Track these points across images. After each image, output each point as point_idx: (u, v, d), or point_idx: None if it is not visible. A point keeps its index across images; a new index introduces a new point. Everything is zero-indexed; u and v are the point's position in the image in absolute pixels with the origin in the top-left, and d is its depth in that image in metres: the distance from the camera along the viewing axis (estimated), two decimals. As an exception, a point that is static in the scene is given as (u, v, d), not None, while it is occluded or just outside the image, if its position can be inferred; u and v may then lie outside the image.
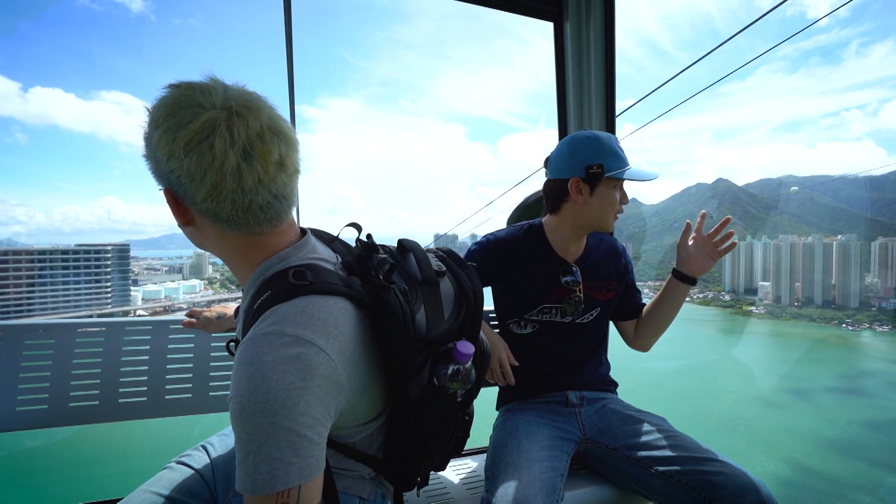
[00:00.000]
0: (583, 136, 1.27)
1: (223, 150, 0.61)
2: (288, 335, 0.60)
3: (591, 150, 1.24)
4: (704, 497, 1.01)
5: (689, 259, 1.27)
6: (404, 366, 0.70)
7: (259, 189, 0.65)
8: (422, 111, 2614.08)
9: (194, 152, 0.61)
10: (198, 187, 0.63)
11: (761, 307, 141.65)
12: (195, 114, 0.61)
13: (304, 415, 0.58)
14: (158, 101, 0.64)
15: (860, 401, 62.30)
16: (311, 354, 0.61)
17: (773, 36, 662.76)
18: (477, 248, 1.38)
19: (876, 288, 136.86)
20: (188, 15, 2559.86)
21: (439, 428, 0.81)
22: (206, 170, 0.62)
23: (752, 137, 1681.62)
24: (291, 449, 0.57)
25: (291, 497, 0.57)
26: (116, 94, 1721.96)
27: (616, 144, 1.27)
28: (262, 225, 0.69)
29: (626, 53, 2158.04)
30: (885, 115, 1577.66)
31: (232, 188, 0.63)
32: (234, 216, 0.66)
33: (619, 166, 1.23)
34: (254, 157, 0.63)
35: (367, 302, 0.70)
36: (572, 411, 1.31)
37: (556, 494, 1.04)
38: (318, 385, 0.60)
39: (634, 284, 1.45)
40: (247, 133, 0.62)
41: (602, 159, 1.23)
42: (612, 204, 1.26)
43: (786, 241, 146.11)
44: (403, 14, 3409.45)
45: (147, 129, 0.65)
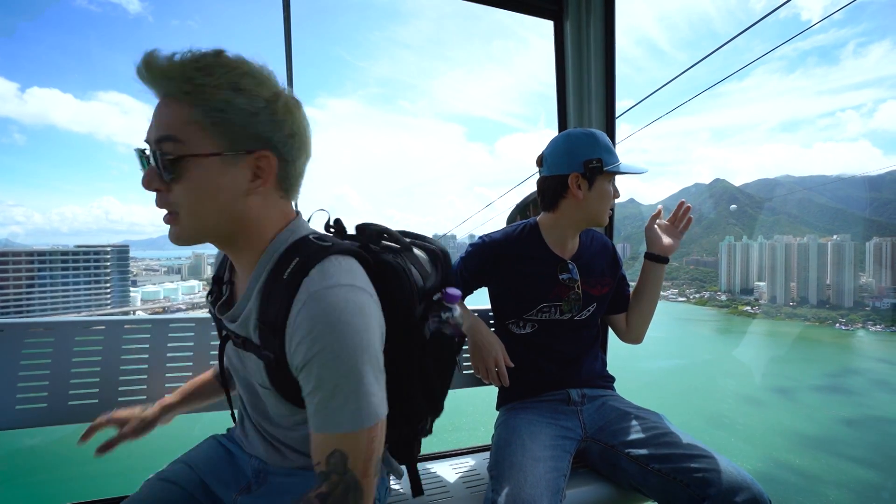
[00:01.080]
0: (579, 132, 1.31)
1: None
2: (347, 285, 0.65)
3: (589, 146, 1.27)
4: (699, 494, 1.03)
5: (657, 241, 1.36)
6: (412, 315, 0.77)
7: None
8: (420, 111, 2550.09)
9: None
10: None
11: (756, 307, 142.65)
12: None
13: (379, 352, 0.66)
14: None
15: (843, 398, 63.19)
16: (370, 300, 0.68)
17: (771, 36, 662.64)
18: (473, 249, 1.39)
19: (870, 287, 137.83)
20: (186, 16, 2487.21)
21: (444, 372, 0.88)
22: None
23: (751, 137, 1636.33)
24: (379, 384, 0.65)
25: (380, 428, 0.65)
26: (114, 94, 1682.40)
27: (609, 141, 1.31)
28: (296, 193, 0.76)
29: (625, 53, 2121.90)
30: (880, 116, 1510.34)
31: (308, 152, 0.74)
32: (298, 180, 0.76)
33: (614, 161, 1.28)
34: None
35: (371, 263, 0.74)
36: (574, 410, 1.33)
37: (560, 494, 1.06)
38: (378, 326, 0.68)
39: (625, 279, 1.49)
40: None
41: (600, 154, 1.26)
42: (609, 198, 1.30)
43: (781, 242, 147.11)
44: (402, 13, 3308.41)
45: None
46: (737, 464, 1.07)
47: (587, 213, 1.30)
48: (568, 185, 1.28)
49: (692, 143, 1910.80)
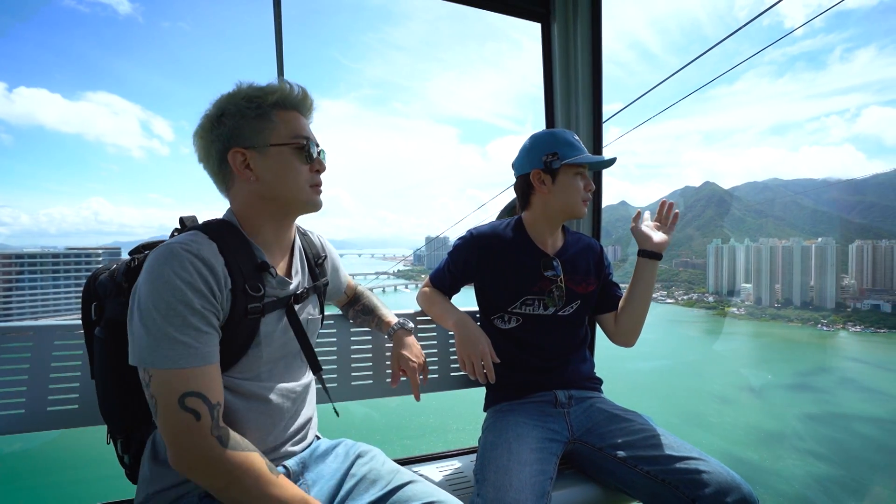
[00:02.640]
0: (541, 132, 1.38)
1: None
2: None
3: (547, 143, 1.34)
4: (688, 495, 1.03)
5: (648, 238, 1.37)
6: None
7: None
8: (414, 113, 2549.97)
9: None
10: None
11: (742, 308, 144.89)
12: None
13: None
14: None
15: (809, 396, 65.43)
16: None
17: (761, 41, 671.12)
18: (461, 242, 1.41)
19: (853, 289, 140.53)
20: (178, 18, 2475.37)
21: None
22: None
23: (741, 140, 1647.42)
24: None
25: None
26: (104, 94, 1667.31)
27: (571, 136, 1.35)
28: None
29: (617, 57, 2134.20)
30: (863, 121, 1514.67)
31: None
32: None
33: (572, 154, 1.31)
34: None
35: None
36: (561, 412, 1.32)
37: (546, 497, 1.05)
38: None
39: (612, 279, 1.50)
40: None
41: (557, 149, 1.32)
42: (576, 190, 1.34)
43: (766, 245, 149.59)
44: (395, 15, 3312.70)
45: None
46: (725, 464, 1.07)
47: (558, 206, 1.35)
48: (532, 183, 1.35)
49: (683, 146, 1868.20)
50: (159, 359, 0.76)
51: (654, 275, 1.40)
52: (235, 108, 0.90)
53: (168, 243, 0.82)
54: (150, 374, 0.77)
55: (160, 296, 0.77)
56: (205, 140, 0.92)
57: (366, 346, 1.50)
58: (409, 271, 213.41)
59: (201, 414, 0.76)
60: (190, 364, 0.78)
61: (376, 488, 0.97)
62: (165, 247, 0.81)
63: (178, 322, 0.78)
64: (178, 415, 0.76)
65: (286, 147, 0.92)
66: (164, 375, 0.77)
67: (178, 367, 0.77)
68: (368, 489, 0.97)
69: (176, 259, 0.80)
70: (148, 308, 0.77)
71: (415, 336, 1.36)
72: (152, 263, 0.80)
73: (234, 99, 0.91)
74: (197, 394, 0.77)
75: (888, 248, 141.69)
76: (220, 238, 0.88)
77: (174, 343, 0.77)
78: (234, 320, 0.87)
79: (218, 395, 0.81)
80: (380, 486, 0.97)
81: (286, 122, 0.93)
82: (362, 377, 1.48)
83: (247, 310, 0.89)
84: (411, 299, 1.80)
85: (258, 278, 0.92)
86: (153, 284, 0.78)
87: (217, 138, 0.91)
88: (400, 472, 1.02)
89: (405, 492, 0.95)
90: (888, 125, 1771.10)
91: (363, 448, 1.10)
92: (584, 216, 1.39)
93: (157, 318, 0.77)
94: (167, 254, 0.80)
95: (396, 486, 0.96)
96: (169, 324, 0.77)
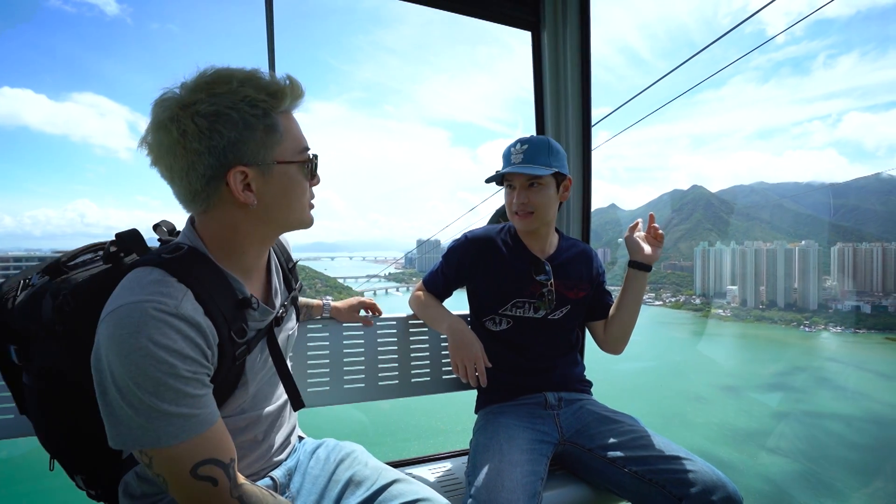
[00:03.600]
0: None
1: None
2: None
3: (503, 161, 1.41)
4: (675, 495, 1.05)
5: (640, 249, 1.36)
6: None
7: None
8: (405, 116, 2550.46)
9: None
10: None
11: (728, 310, 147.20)
12: None
13: None
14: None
15: (783, 395, 67.37)
16: None
17: (745, 46, 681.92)
18: (456, 244, 1.44)
19: (835, 291, 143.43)
20: (167, 19, 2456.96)
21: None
22: None
23: (728, 144, 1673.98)
24: None
25: None
26: (90, 95, 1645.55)
27: (510, 147, 1.38)
28: None
29: (607, 61, 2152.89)
30: (844, 126, 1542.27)
31: None
32: None
33: (501, 168, 1.36)
34: None
35: None
36: (551, 414, 1.34)
37: (537, 498, 1.07)
38: None
39: (604, 287, 1.51)
40: None
41: (500, 167, 1.38)
42: (509, 203, 1.39)
43: (751, 247, 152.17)
44: (386, 19, 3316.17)
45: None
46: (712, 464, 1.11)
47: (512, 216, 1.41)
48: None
49: (672, 149, 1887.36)
50: (157, 438, 0.66)
51: (644, 285, 1.41)
52: (238, 115, 0.71)
53: (134, 302, 0.67)
54: (150, 455, 0.68)
55: (141, 372, 0.65)
56: (186, 150, 0.70)
57: (358, 349, 1.52)
58: (400, 274, 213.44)
59: (218, 480, 0.70)
60: (195, 433, 0.69)
61: (362, 489, 0.95)
62: (132, 308, 0.66)
63: (171, 396, 0.67)
64: (193, 487, 0.68)
65: (293, 165, 0.79)
66: (167, 453, 0.67)
67: (182, 441, 0.67)
68: (355, 491, 0.95)
69: (151, 324, 0.66)
70: (128, 387, 0.65)
71: None
72: (119, 333, 0.65)
73: (233, 100, 0.71)
74: (209, 460, 0.69)
75: (868, 251, 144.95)
76: (192, 279, 0.73)
77: (171, 418, 0.67)
78: (221, 371, 0.77)
79: (230, 451, 0.73)
80: (365, 486, 0.95)
81: (289, 131, 0.79)
82: (354, 380, 1.50)
83: (234, 356, 0.79)
84: (403, 302, 1.82)
85: (241, 318, 0.80)
86: (128, 359, 0.65)
87: (209, 151, 0.71)
88: (385, 470, 1.00)
89: (391, 491, 0.93)
90: (868, 130, 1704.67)
91: (346, 449, 1.08)
92: (525, 229, 1.41)
93: (144, 396, 0.65)
94: (138, 319, 0.65)
95: (382, 485, 0.94)
96: (160, 400, 0.66)
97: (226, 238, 0.80)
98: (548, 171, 1.32)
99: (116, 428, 0.67)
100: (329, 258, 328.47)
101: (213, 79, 0.72)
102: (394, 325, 1.58)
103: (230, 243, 0.80)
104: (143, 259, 0.74)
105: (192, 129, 0.69)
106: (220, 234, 0.79)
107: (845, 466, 40.96)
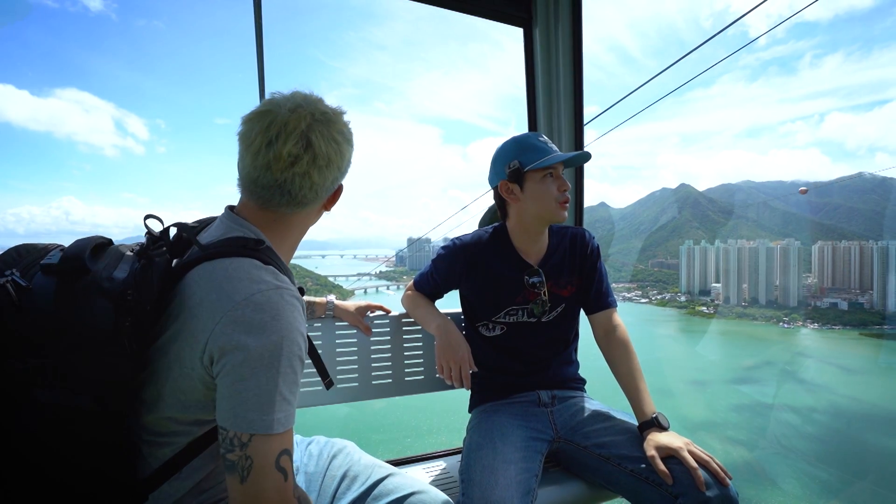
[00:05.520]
0: (506, 141, 1.33)
1: None
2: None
3: (509, 152, 1.30)
4: (671, 492, 1.03)
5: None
6: None
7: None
8: (396, 113, 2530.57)
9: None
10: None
11: (711, 307, 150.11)
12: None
13: None
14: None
15: (748, 388, 69.79)
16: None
17: (733, 45, 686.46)
18: (444, 252, 1.40)
19: (815, 288, 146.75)
20: (153, 16, 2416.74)
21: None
22: None
23: (717, 143, 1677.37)
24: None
25: None
26: (74, 91, 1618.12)
27: (535, 139, 1.29)
28: None
29: (598, 60, 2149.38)
30: (827, 126, 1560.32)
31: None
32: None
33: (537, 158, 1.26)
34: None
35: None
36: (544, 411, 1.33)
37: (531, 495, 1.06)
38: None
39: (601, 274, 1.41)
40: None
41: (518, 157, 1.28)
42: (547, 194, 1.28)
43: (734, 245, 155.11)
44: (377, 15, 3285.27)
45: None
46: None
47: (533, 215, 1.31)
48: (502, 195, 1.33)
49: (662, 147, 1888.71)
50: (271, 423, 0.66)
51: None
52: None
53: (271, 288, 0.71)
54: (249, 438, 0.66)
55: (289, 349, 0.68)
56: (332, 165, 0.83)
57: (351, 347, 1.51)
58: (391, 272, 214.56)
59: (288, 473, 0.69)
60: (291, 425, 0.70)
61: (358, 484, 0.95)
62: (270, 294, 0.70)
63: (291, 379, 0.69)
64: (271, 476, 0.67)
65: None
66: (269, 439, 0.66)
67: (286, 430, 0.68)
68: (350, 486, 0.95)
69: (289, 308, 0.70)
70: (271, 363, 0.66)
71: None
72: (261, 318, 0.67)
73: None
74: (287, 451, 0.69)
75: (847, 249, 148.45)
76: (283, 270, 0.78)
77: (284, 404, 0.68)
78: None
79: (293, 447, 0.74)
80: (361, 481, 0.95)
81: None
82: (348, 379, 1.49)
83: None
84: (394, 301, 1.83)
85: None
86: (283, 335, 0.67)
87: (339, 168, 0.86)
88: (378, 465, 1.01)
89: (386, 485, 0.94)
90: (849, 131, 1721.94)
91: (337, 445, 1.08)
92: (564, 219, 1.32)
93: (274, 374, 0.66)
94: (277, 302, 0.69)
95: (376, 480, 0.95)
96: (283, 381, 0.67)
97: (296, 237, 0.87)
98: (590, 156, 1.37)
99: (234, 409, 0.66)
100: (320, 256, 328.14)
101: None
102: (387, 324, 1.56)
103: (288, 239, 0.86)
104: (231, 251, 0.74)
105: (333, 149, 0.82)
106: (293, 232, 0.86)
107: (788, 454, 43.33)
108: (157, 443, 0.74)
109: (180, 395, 0.71)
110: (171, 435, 0.74)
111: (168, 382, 0.71)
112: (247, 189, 0.81)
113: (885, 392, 70.57)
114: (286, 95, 0.81)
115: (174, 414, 0.73)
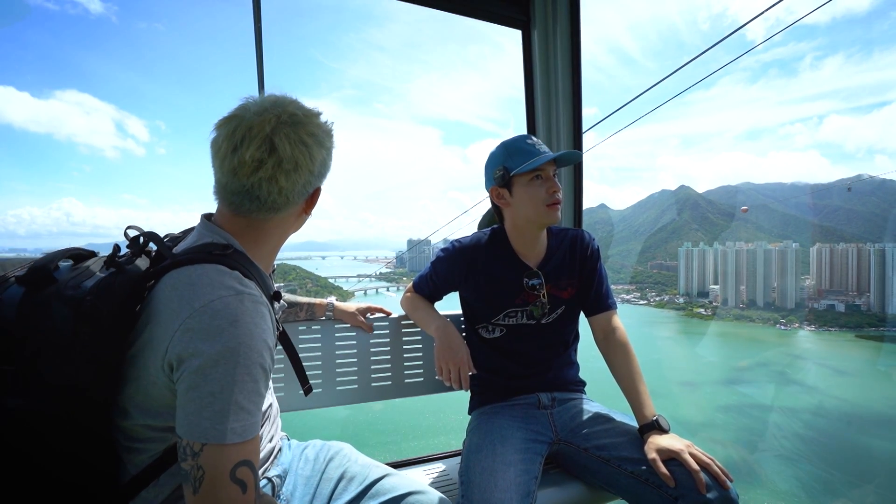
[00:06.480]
0: (495, 148, 1.34)
1: None
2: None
3: (496, 158, 1.32)
4: (671, 495, 1.03)
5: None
6: None
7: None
8: (396, 114, 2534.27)
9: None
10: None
11: (709, 309, 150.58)
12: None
13: None
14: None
15: (737, 389, 70.30)
16: None
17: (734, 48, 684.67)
18: (443, 254, 1.40)
19: (812, 290, 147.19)
20: (153, 19, 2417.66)
21: None
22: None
23: (717, 145, 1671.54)
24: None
25: None
26: (74, 93, 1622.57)
27: (523, 142, 1.29)
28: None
29: (598, 62, 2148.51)
30: (825, 128, 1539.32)
31: None
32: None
33: (523, 161, 1.25)
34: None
35: None
36: (544, 413, 1.33)
37: (531, 497, 1.06)
38: None
39: (600, 275, 1.40)
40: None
41: (505, 161, 1.29)
42: (535, 197, 1.27)
43: (732, 248, 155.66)
44: (377, 17, 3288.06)
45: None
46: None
47: (525, 217, 1.31)
48: (494, 200, 1.35)
49: (662, 149, 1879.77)
50: (224, 433, 0.64)
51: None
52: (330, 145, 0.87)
53: (231, 294, 0.69)
54: (201, 447, 0.64)
55: (247, 356, 0.66)
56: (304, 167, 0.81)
57: (350, 349, 1.51)
58: (391, 274, 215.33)
59: (248, 485, 0.66)
60: (251, 435, 0.67)
61: (354, 485, 0.96)
62: (230, 300, 0.68)
63: (250, 388, 0.67)
64: (226, 488, 0.64)
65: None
66: (221, 449, 0.64)
67: (241, 441, 0.66)
68: (347, 487, 0.96)
69: (251, 314, 0.69)
70: (227, 370, 0.65)
71: None
72: (218, 324, 0.66)
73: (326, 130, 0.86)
74: (246, 462, 0.66)
75: (844, 251, 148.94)
76: (251, 274, 0.77)
77: (241, 413, 0.66)
78: None
79: (258, 459, 0.72)
80: (357, 482, 0.96)
81: None
82: (347, 381, 1.49)
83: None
84: (394, 302, 1.82)
85: (275, 312, 0.83)
86: (241, 341, 0.66)
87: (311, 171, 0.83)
88: (375, 466, 1.01)
89: (383, 485, 0.94)
90: (848, 133, 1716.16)
91: (334, 448, 1.09)
92: (556, 221, 1.30)
93: (229, 382, 0.65)
94: (237, 309, 0.68)
95: (373, 480, 0.95)
96: (240, 390, 0.65)
97: (273, 242, 0.86)
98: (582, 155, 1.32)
99: (188, 417, 0.65)
100: (320, 257, 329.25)
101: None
102: (386, 326, 1.56)
103: (265, 244, 0.84)
104: (197, 257, 0.73)
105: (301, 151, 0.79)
106: (269, 238, 0.84)
107: (770, 454, 44.12)
108: (135, 449, 0.73)
109: (151, 401, 0.71)
110: (146, 441, 0.73)
111: (139, 389, 0.71)
112: (219, 195, 0.80)
113: (874, 394, 71.29)
114: (259, 99, 0.79)
115: (147, 421, 0.72)
